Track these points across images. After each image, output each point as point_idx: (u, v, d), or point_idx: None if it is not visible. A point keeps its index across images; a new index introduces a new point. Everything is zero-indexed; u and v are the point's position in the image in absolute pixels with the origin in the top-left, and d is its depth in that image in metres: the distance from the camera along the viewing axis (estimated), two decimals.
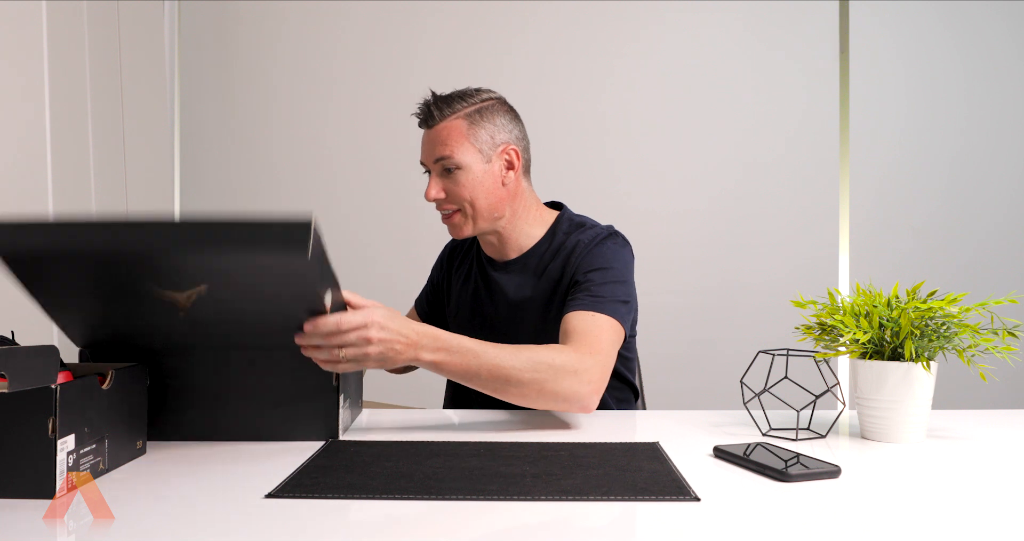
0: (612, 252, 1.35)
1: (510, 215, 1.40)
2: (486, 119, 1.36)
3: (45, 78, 1.56)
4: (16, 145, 1.48)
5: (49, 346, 0.76)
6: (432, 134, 1.36)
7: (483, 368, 1.11)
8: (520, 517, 0.73)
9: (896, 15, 2.53)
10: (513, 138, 1.38)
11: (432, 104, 1.36)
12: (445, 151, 1.33)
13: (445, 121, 1.34)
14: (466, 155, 1.33)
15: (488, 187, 1.35)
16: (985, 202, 2.53)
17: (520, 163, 1.39)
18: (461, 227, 1.37)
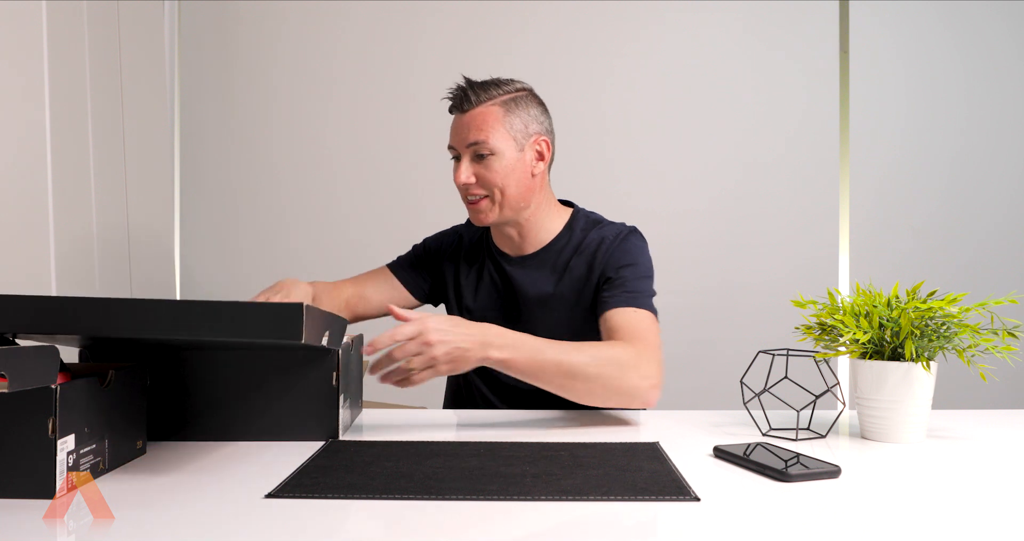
0: (638, 248, 1.39)
1: (534, 207, 1.40)
2: (521, 108, 1.36)
3: (45, 78, 1.56)
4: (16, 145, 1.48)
5: (49, 346, 0.76)
6: (466, 118, 1.35)
7: (549, 363, 1.13)
8: (520, 517, 0.73)
9: (896, 15, 2.53)
10: (544, 130, 1.40)
11: (468, 88, 1.35)
12: (480, 136, 1.33)
13: (481, 106, 1.34)
14: (500, 141, 1.33)
15: (519, 175, 1.35)
16: (985, 202, 2.53)
17: (549, 155, 1.40)
18: (487, 213, 1.37)
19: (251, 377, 1.05)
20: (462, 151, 1.35)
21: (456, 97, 1.36)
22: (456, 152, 1.37)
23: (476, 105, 1.34)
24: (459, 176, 1.35)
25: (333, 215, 2.54)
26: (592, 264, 1.37)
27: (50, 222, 1.55)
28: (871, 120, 2.52)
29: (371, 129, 2.53)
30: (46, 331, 0.85)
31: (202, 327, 0.81)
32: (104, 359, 1.05)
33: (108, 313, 0.82)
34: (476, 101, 1.34)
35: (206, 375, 1.05)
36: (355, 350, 1.21)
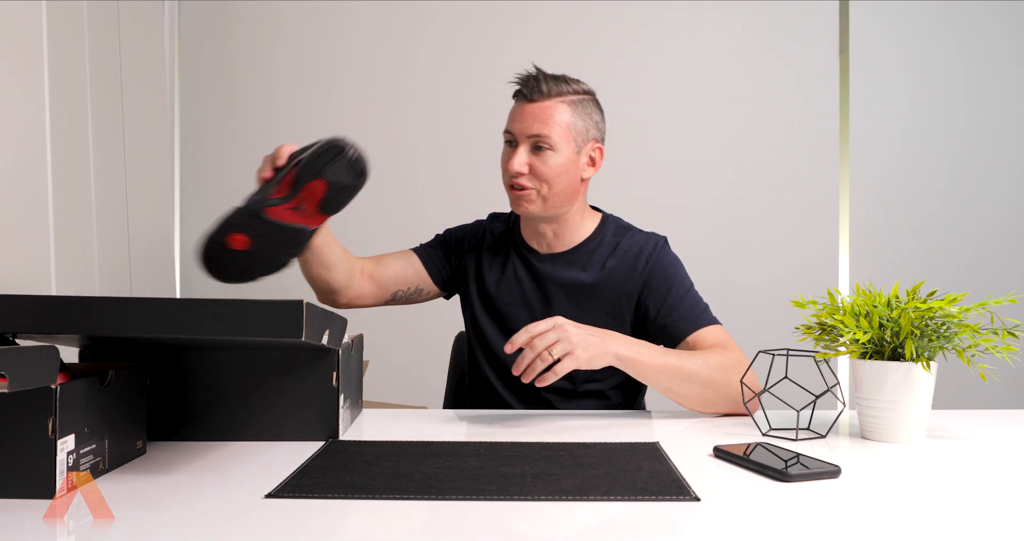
0: (676, 260, 1.43)
1: (574, 209, 1.40)
2: (586, 111, 1.37)
3: (45, 78, 1.56)
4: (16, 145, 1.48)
5: (49, 346, 0.76)
6: (534, 108, 1.33)
7: (670, 366, 1.19)
8: (520, 517, 0.73)
9: (896, 15, 2.53)
10: (600, 137, 1.41)
11: (542, 78, 1.34)
12: (545, 130, 1.32)
13: (551, 100, 1.33)
14: (562, 139, 1.33)
15: (570, 176, 1.35)
16: (985, 202, 2.53)
17: (600, 163, 1.41)
18: (530, 203, 1.36)
19: (251, 377, 1.05)
20: (521, 139, 1.34)
21: (527, 85, 1.35)
22: (512, 137, 1.36)
23: (547, 97, 1.33)
24: (513, 164, 1.33)
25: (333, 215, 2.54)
26: (632, 270, 1.38)
27: (50, 222, 1.55)
28: (871, 120, 2.52)
29: (371, 129, 2.53)
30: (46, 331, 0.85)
31: (202, 326, 0.81)
32: (104, 359, 1.05)
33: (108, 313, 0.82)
34: (547, 93, 1.33)
35: (206, 375, 1.05)
36: (355, 350, 1.21)
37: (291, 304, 0.81)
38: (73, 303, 0.82)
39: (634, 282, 1.38)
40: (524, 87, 1.35)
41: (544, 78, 1.34)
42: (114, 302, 0.83)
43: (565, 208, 1.38)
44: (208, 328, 0.81)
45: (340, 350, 1.07)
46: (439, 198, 2.48)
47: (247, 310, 0.82)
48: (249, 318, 0.81)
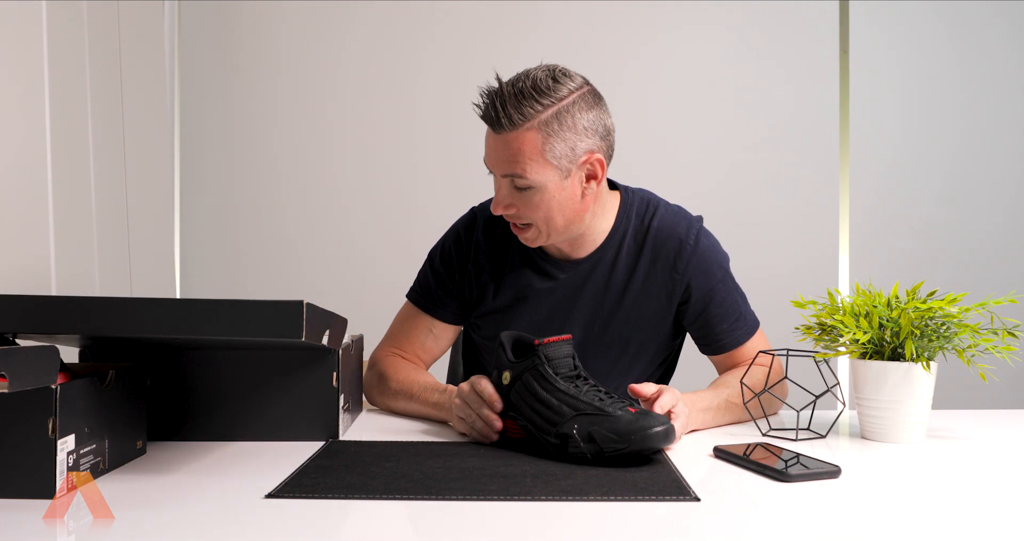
0: (717, 251, 1.31)
1: (589, 220, 1.24)
2: (566, 127, 1.14)
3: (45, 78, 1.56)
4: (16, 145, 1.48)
5: (49, 346, 0.76)
6: (500, 142, 1.14)
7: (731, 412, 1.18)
8: (520, 517, 0.73)
9: (896, 15, 2.53)
10: (597, 141, 1.17)
11: (501, 105, 1.13)
12: (516, 169, 1.14)
13: (516, 131, 1.13)
14: (540, 175, 1.14)
15: (565, 203, 1.17)
16: (985, 202, 2.53)
17: (604, 172, 1.20)
18: (535, 240, 1.22)
19: (251, 377, 1.05)
20: (498, 177, 1.18)
21: (487, 113, 1.15)
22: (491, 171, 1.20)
23: (510, 129, 1.13)
24: (496, 207, 1.18)
25: (334, 215, 2.54)
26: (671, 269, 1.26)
27: (50, 222, 1.55)
28: (871, 120, 2.52)
29: (372, 129, 2.53)
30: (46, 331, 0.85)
31: (203, 326, 0.81)
32: (104, 359, 1.05)
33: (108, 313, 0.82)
34: (510, 124, 1.12)
35: (206, 375, 1.05)
36: (355, 350, 1.21)
37: (291, 304, 0.80)
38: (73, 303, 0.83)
39: (674, 283, 1.26)
40: (485, 116, 1.16)
41: (504, 105, 1.12)
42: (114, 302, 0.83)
43: (577, 229, 1.23)
44: (208, 328, 0.81)
45: (340, 350, 1.07)
46: (441, 199, 2.48)
47: (247, 310, 0.82)
48: (249, 318, 0.81)
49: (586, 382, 0.98)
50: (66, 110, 1.65)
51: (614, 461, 0.90)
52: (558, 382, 0.96)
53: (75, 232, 1.68)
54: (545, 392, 0.96)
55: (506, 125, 1.13)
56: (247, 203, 2.56)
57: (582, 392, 0.95)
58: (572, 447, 0.91)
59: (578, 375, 0.98)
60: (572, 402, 0.94)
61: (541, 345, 0.98)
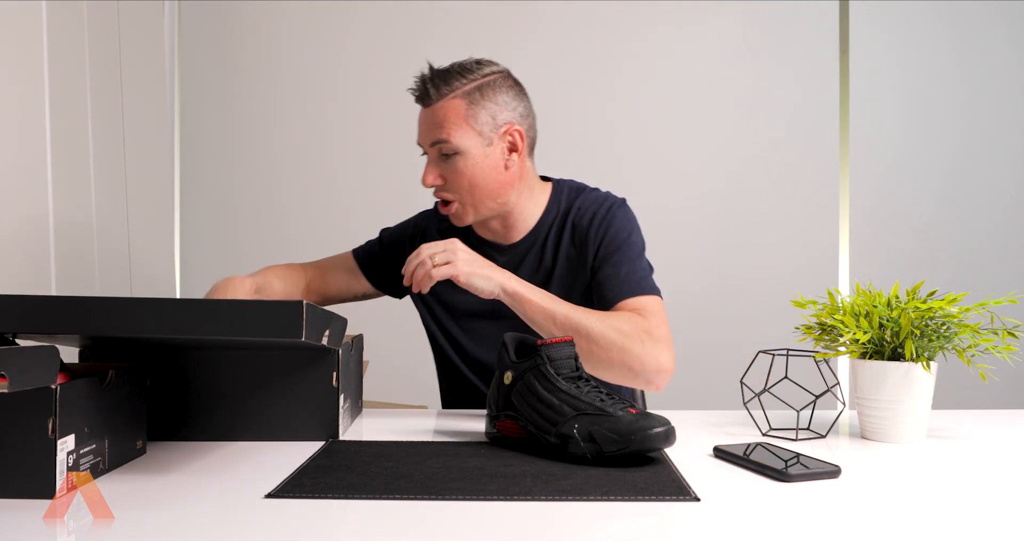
0: (629, 223, 1.32)
1: (515, 198, 1.31)
2: (487, 98, 1.25)
3: (45, 78, 1.56)
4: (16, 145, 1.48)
5: (49, 346, 0.76)
6: (428, 114, 1.27)
7: (560, 314, 1.15)
8: (520, 517, 0.73)
9: (896, 15, 2.53)
10: (517, 117, 1.29)
11: (429, 80, 1.26)
12: (442, 135, 1.24)
13: (443, 101, 1.25)
14: (465, 139, 1.24)
15: (488, 172, 1.26)
16: (985, 202, 2.53)
17: (524, 144, 1.29)
18: (462, 216, 1.30)
19: (251, 377, 1.05)
20: (427, 150, 1.28)
21: (418, 89, 1.27)
22: (423, 150, 1.30)
23: (437, 99, 1.25)
24: (426, 179, 1.28)
25: (333, 215, 2.54)
26: (585, 243, 1.30)
27: (50, 222, 1.55)
28: (871, 120, 2.52)
29: (372, 129, 2.53)
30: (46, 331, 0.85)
31: (202, 326, 0.81)
32: (104, 359, 1.05)
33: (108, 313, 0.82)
34: (437, 95, 1.25)
35: (206, 375, 1.05)
36: (355, 350, 1.21)
37: (291, 304, 0.80)
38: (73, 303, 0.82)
39: (588, 253, 1.30)
40: (417, 92, 1.27)
41: (431, 78, 1.25)
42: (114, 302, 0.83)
43: (503, 204, 1.30)
44: (208, 328, 0.81)
45: (340, 350, 1.07)
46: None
47: (247, 310, 0.81)
48: (249, 318, 0.81)
49: (587, 383, 0.98)
50: (66, 110, 1.65)
51: (614, 461, 0.90)
52: (559, 382, 0.96)
53: (75, 231, 1.68)
54: (546, 392, 0.96)
55: (433, 96, 1.25)
56: (247, 203, 2.56)
57: (583, 392, 0.95)
58: (572, 447, 0.92)
59: (579, 376, 0.99)
60: (573, 402, 0.94)
61: (544, 345, 0.98)
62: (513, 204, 1.32)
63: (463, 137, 1.25)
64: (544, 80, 2.52)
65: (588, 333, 1.15)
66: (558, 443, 0.93)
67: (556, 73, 2.48)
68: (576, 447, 0.91)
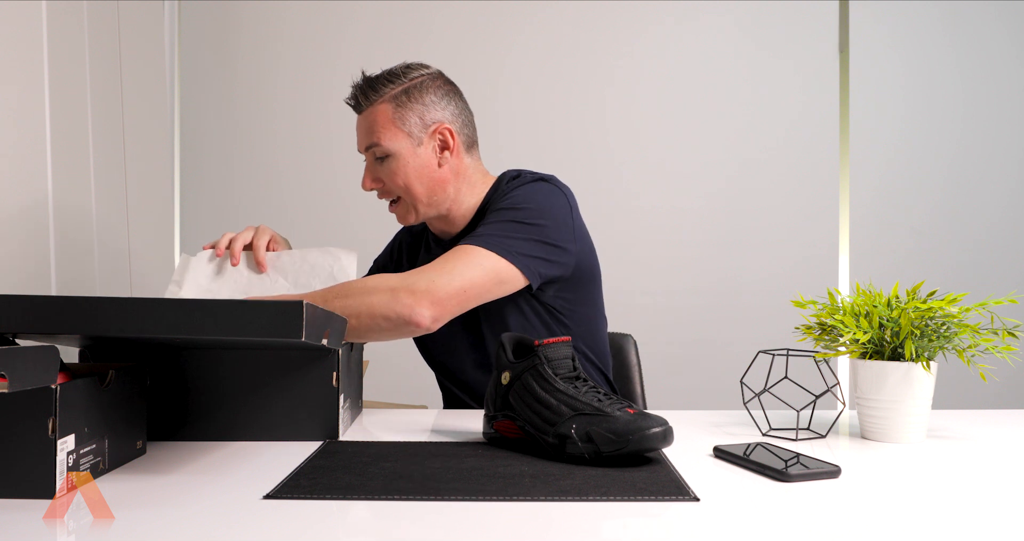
0: (528, 193, 1.28)
1: (454, 195, 1.34)
2: (414, 99, 1.29)
3: (45, 78, 1.56)
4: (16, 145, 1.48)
5: (49, 346, 0.76)
6: (361, 120, 1.31)
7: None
8: (519, 518, 0.73)
9: (895, 15, 2.53)
10: (448, 116, 1.31)
11: (359, 88, 1.31)
12: (373, 138, 1.29)
13: (372, 106, 1.30)
14: (394, 141, 1.28)
15: (420, 171, 1.29)
16: (985, 202, 2.53)
17: (456, 142, 1.32)
18: (405, 215, 1.34)
19: (251, 377, 1.05)
20: (364, 154, 1.33)
21: (352, 97, 1.32)
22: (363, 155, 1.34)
23: (367, 105, 1.30)
24: (364, 182, 1.32)
25: (334, 215, 2.54)
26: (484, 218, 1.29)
27: (50, 222, 1.55)
28: (871, 120, 2.52)
29: None
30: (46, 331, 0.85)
31: (202, 326, 0.81)
32: (104, 359, 1.05)
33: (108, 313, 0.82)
34: (366, 101, 1.30)
35: (206, 375, 1.05)
36: (355, 350, 1.21)
37: (291, 304, 0.80)
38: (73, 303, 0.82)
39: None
40: (351, 101, 1.33)
41: (361, 85, 1.31)
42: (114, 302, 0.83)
43: (442, 201, 1.33)
44: (208, 328, 0.81)
45: (340, 350, 1.07)
46: None
47: (247, 311, 0.81)
48: (249, 318, 0.81)
49: (585, 383, 0.98)
50: (66, 110, 1.65)
51: (612, 461, 0.90)
52: (557, 382, 0.96)
53: (75, 231, 1.68)
54: (544, 392, 0.96)
55: (363, 103, 1.30)
56: (247, 203, 2.56)
57: (581, 393, 0.95)
58: (570, 447, 0.92)
59: (577, 376, 0.99)
60: (571, 402, 0.94)
61: (541, 346, 0.98)
62: (451, 201, 1.34)
63: (392, 139, 1.28)
64: (541, 81, 2.53)
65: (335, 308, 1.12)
66: (556, 443, 0.93)
67: (553, 73, 2.47)
68: (574, 447, 0.91)
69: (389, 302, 1.13)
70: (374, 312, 1.13)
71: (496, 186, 1.36)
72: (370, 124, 1.29)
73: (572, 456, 0.92)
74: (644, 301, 2.47)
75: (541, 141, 2.50)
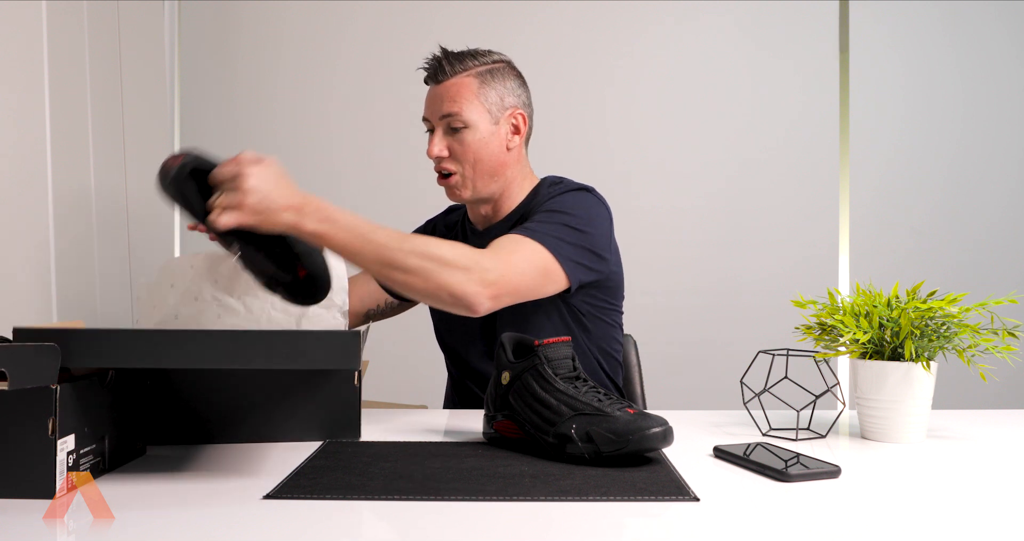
0: (577, 200, 1.31)
1: (509, 180, 1.36)
2: (497, 80, 1.33)
3: (45, 78, 1.56)
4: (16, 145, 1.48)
5: (49, 346, 0.76)
6: (440, 90, 1.32)
7: (368, 248, 1.09)
8: (519, 518, 0.73)
9: (896, 15, 2.53)
10: (521, 103, 1.36)
11: (443, 59, 1.32)
12: (454, 108, 1.30)
13: (456, 78, 1.31)
14: (474, 113, 1.30)
15: (492, 149, 1.32)
16: (985, 201, 2.53)
17: (526, 129, 1.36)
18: (459, 190, 1.34)
19: (251, 377, 1.05)
20: (436, 123, 1.33)
21: (431, 67, 1.34)
22: (430, 124, 1.35)
23: (451, 76, 1.31)
24: (432, 148, 1.32)
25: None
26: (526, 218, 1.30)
27: (50, 222, 1.55)
28: (871, 120, 2.52)
29: (372, 129, 2.53)
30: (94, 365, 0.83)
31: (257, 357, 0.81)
32: None
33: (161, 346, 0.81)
34: (451, 72, 1.31)
35: (206, 375, 1.05)
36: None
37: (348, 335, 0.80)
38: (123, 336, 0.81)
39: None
40: (428, 70, 1.34)
41: (446, 57, 1.32)
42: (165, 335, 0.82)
43: (498, 184, 1.35)
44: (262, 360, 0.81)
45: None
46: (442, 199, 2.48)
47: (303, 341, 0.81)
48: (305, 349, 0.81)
49: (585, 383, 0.98)
50: (66, 110, 1.65)
51: (612, 461, 0.90)
52: (557, 382, 0.96)
53: (75, 232, 1.68)
54: (544, 392, 0.96)
55: (448, 72, 1.31)
56: None
57: (581, 393, 0.95)
58: (570, 447, 0.92)
59: (577, 376, 0.99)
60: (571, 402, 0.94)
61: (541, 346, 0.98)
62: (505, 187, 1.36)
63: (473, 112, 1.30)
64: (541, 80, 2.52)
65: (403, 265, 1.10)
66: (556, 443, 0.93)
67: (553, 73, 2.47)
68: (574, 447, 0.91)
69: (462, 282, 1.13)
70: (442, 283, 1.12)
71: (537, 189, 1.39)
72: (453, 94, 1.30)
73: (572, 456, 0.92)
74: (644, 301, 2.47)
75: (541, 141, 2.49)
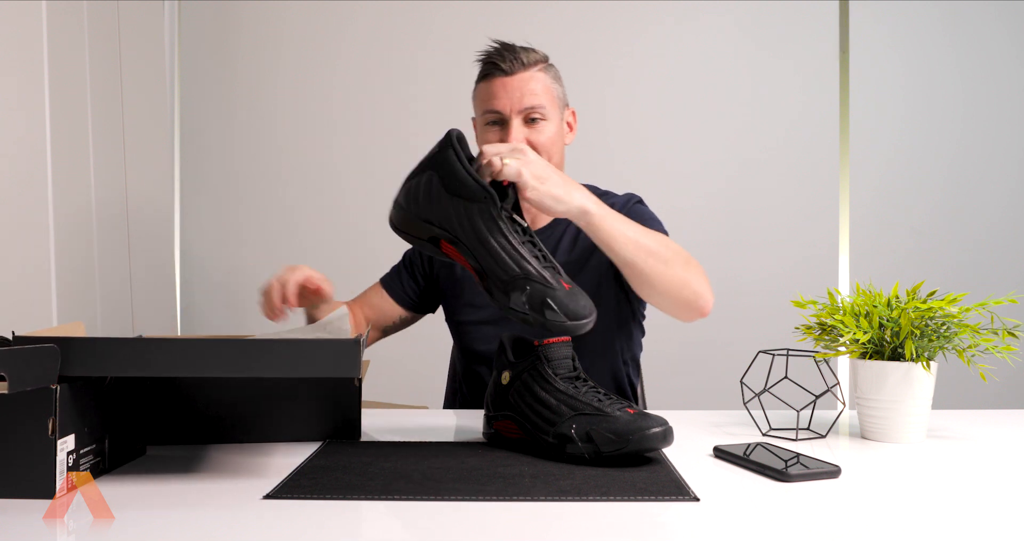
0: (649, 212, 1.37)
1: None
2: (558, 76, 1.33)
3: (45, 78, 1.56)
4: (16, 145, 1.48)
5: (49, 346, 0.76)
6: (515, 81, 1.27)
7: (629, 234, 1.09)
8: (519, 518, 0.73)
9: (896, 15, 2.53)
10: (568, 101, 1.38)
11: (518, 50, 1.29)
12: (536, 100, 1.27)
13: (530, 70, 1.28)
14: (553, 107, 1.30)
15: (558, 142, 1.32)
16: (985, 201, 2.53)
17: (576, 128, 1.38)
18: None
19: (252, 378, 1.04)
20: (511, 115, 1.27)
21: (504, 58, 1.27)
22: (498, 116, 1.28)
23: (525, 67, 1.28)
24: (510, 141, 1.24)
25: (334, 215, 2.54)
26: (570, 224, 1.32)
27: (50, 222, 1.55)
28: (871, 120, 2.52)
29: (372, 129, 2.53)
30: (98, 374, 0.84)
31: (257, 366, 0.81)
32: None
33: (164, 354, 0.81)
34: (527, 62, 1.28)
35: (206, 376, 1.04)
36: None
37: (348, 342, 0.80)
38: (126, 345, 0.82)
39: None
40: (501, 61, 1.27)
41: (512, 50, 1.28)
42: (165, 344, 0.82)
43: None
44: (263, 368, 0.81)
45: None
46: None
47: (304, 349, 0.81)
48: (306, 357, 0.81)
49: (585, 383, 0.98)
50: (66, 110, 1.66)
51: (612, 461, 0.90)
52: (557, 382, 0.96)
53: (75, 232, 1.68)
54: (544, 392, 0.96)
55: (524, 62, 1.28)
56: (247, 203, 2.56)
57: (581, 393, 0.95)
58: (570, 447, 0.92)
59: (577, 376, 0.99)
60: (571, 402, 0.94)
61: (541, 346, 0.98)
62: None
63: (551, 105, 1.30)
64: None
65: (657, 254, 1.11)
66: (556, 443, 0.93)
67: None
68: (574, 447, 0.91)
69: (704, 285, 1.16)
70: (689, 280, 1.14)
71: None
72: (532, 86, 1.28)
73: (572, 456, 0.92)
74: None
75: None
